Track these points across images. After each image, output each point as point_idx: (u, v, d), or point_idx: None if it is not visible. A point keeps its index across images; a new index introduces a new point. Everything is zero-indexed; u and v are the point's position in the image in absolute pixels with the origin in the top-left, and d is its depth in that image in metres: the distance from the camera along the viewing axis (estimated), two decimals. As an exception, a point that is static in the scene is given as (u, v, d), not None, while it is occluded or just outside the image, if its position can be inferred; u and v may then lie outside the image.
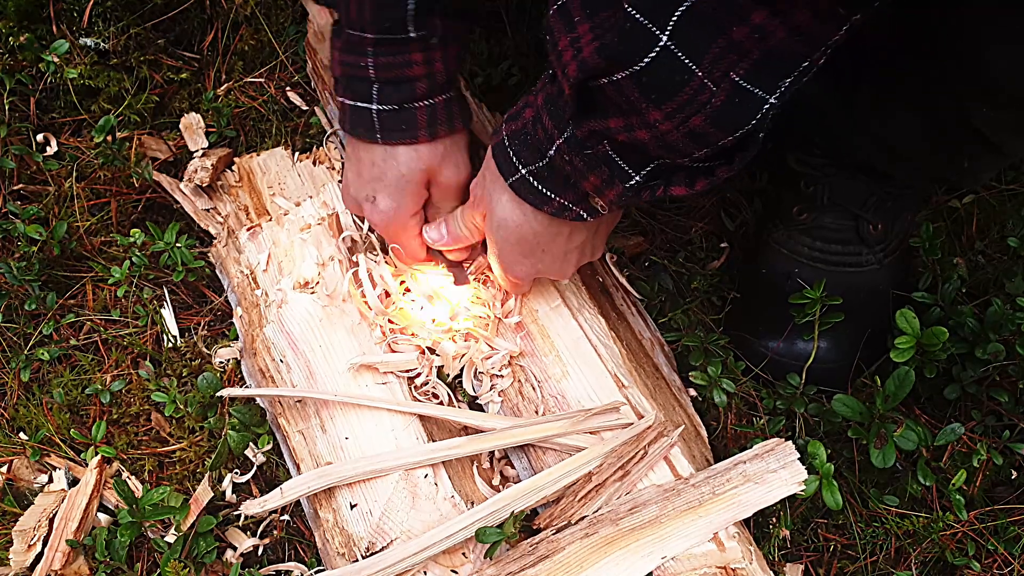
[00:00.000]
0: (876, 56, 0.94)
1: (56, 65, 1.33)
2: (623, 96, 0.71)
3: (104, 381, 1.18)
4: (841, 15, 0.63)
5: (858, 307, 1.14)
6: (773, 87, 0.67)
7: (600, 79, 0.72)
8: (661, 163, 0.79)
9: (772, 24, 0.63)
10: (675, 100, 0.69)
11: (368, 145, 1.00)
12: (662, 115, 0.70)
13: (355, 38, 0.95)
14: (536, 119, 0.84)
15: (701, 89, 0.67)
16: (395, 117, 0.97)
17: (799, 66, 0.66)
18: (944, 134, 0.96)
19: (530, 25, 1.47)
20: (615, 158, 0.79)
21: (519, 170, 0.88)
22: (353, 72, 0.97)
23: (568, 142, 0.80)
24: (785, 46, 0.64)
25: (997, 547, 1.05)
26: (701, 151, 0.74)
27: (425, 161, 1.00)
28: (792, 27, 0.63)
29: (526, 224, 0.93)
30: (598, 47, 0.70)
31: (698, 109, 0.69)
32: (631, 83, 0.70)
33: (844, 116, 1.03)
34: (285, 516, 1.07)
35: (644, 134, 0.73)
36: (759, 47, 0.64)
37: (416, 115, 0.98)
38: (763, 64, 0.66)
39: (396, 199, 1.02)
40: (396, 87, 0.96)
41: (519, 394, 1.05)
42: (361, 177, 1.03)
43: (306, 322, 1.09)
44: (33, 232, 1.23)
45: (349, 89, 0.99)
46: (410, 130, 0.98)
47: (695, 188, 0.79)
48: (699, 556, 0.92)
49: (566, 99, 0.76)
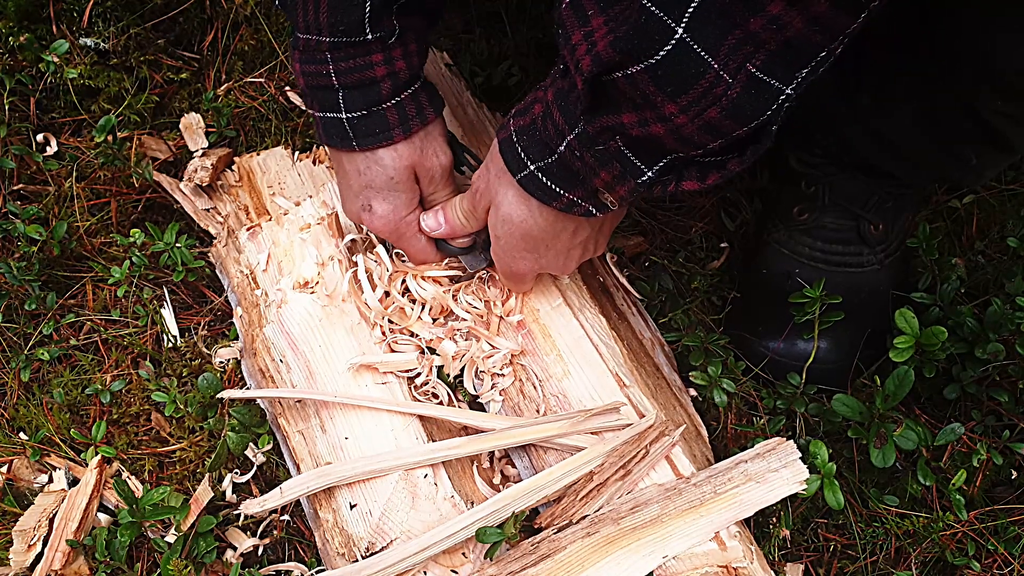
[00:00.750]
0: (878, 53, 0.94)
1: (56, 65, 1.32)
2: (637, 90, 0.71)
3: (104, 381, 1.18)
4: (859, 3, 0.63)
5: (858, 307, 1.14)
6: (790, 78, 0.67)
7: (614, 73, 0.71)
8: (674, 158, 0.78)
9: (789, 15, 0.63)
10: (691, 93, 0.69)
11: (348, 154, 1.00)
12: (677, 108, 0.70)
13: (311, 43, 0.93)
14: (546, 115, 0.83)
15: (717, 81, 0.67)
16: (366, 122, 0.97)
17: (816, 56, 0.66)
18: (947, 130, 0.96)
19: (530, 25, 1.47)
20: (627, 154, 0.79)
21: (528, 166, 0.87)
22: (316, 82, 0.96)
23: (579, 138, 0.80)
24: (803, 36, 0.64)
25: (997, 547, 1.05)
26: (716, 143, 0.73)
27: (407, 158, 1.00)
28: (809, 17, 0.63)
29: (531, 220, 0.92)
30: (612, 40, 0.70)
31: (714, 101, 0.69)
32: (646, 77, 0.69)
33: (847, 114, 1.03)
34: (285, 516, 1.07)
35: (659, 128, 0.73)
36: (776, 38, 0.64)
37: (386, 116, 0.97)
38: (780, 55, 0.66)
39: (391, 201, 1.02)
40: (361, 91, 0.95)
41: (520, 393, 1.05)
42: (351, 188, 1.03)
43: (306, 322, 1.09)
44: (33, 232, 1.23)
45: (316, 100, 0.97)
46: (383, 132, 0.97)
47: (707, 182, 0.79)
48: (700, 555, 0.92)
49: (578, 94, 0.76)
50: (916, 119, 0.97)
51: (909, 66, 0.92)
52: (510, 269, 1.01)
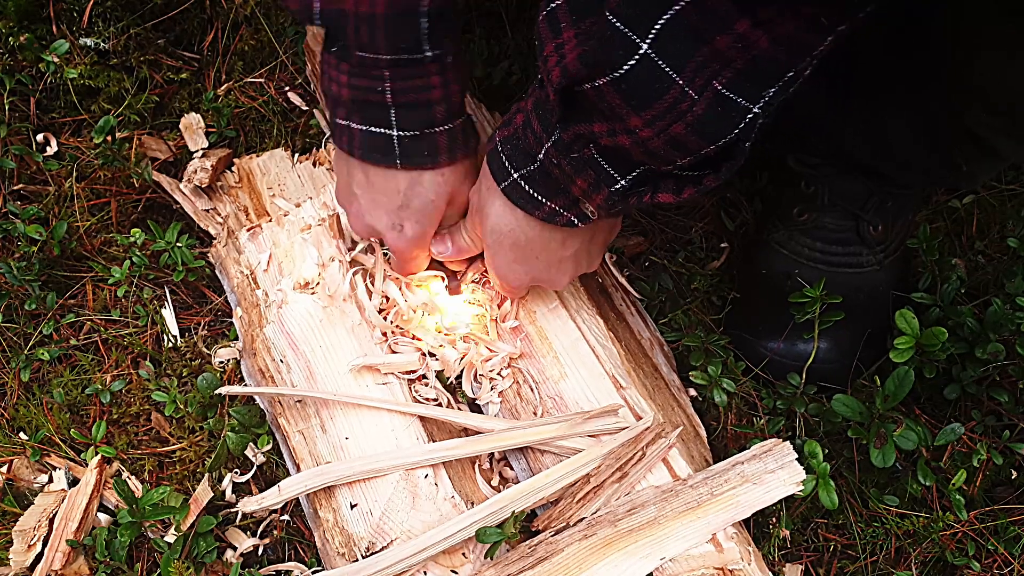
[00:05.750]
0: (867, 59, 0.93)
1: (56, 65, 1.33)
2: (605, 102, 0.72)
3: (104, 381, 1.18)
4: (824, 25, 0.63)
5: (858, 307, 1.14)
6: (757, 96, 0.67)
7: (584, 84, 0.72)
8: (646, 169, 0.79)
9: (755, 34, 0.63)
10: (655, 107, 0.69)
11: (385, 171, 0.97)
12: (642, 122, 0.71)
13: (368, 60, 0.90)
14: (526, 123, 0.84)
15: (682, 97, 0.68)
16: (417, 142, 0.94)
17: (784, 76, 0.66)
18: (937, 137, 0.95)
19: (530, 25, 1.47)
20: (601, 162, 0.80)
21: (511, 174, 0.88)
22: (366, 96, 0.92)
23: (556, 145, 0.81)
24: (769, 55, 0.64)
25: (997, 547, 1.05)
26: (684, 159, 0.74)
27: (450, 184, 0.98)
28: (775, 37, 0.63)
29: (518, 229, 0.93)
30: (580, 54, 0.71)
31: (679, 117, 0.69)
32: (611, 89, 0.70)
33: (839, 118, 1.03)
34: (285, 516, 1.07)
35: (626, 139, 0.74)
36: (743, 56, 0.65)
37: (437, 140, 0.95)
38: (747, 73, 0.66)
39: (424, 224, 1.00)
40: (416, 111, 0.93)
41: (517, 395, 1.05)
42: (380, 205, 0.99)
43: (306, 322, 1.09)
44: (33, 232, 1.23)
45: (358, 113, 0.94)
46: (431, 155, 0.95)
47: (682, 196, 0.79)
48: (697, 557, 0.92)
49: (552, 104, 0.77)
50: (907, 126, 0.97)
51: (900, 73, 0.92)
52: (503, 280, 1.02)
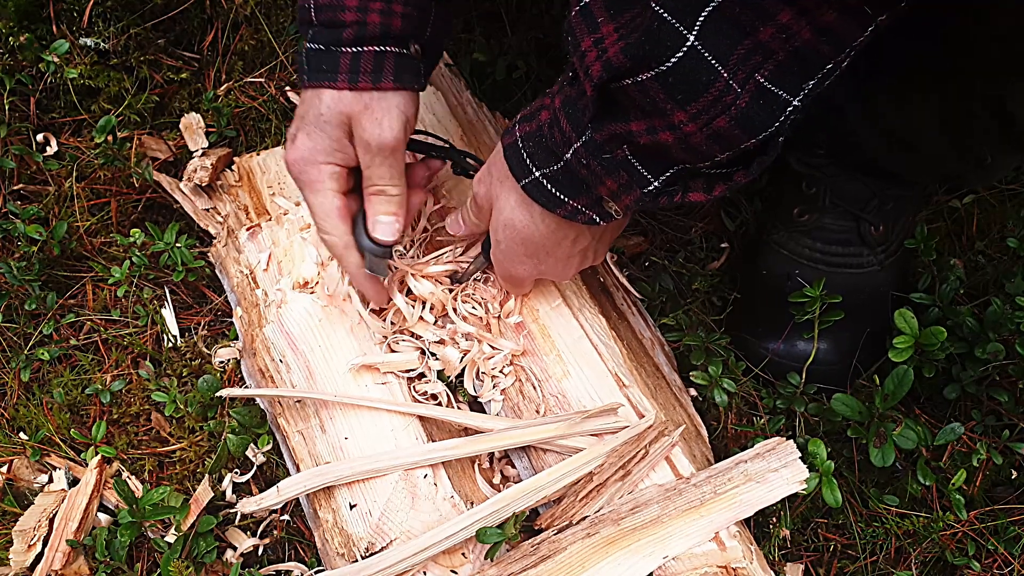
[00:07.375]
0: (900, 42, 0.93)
1: (56, 65, 1.33)
2: (647, 97, 0.71)
3: (104, 381, 1.18)
4: (867, 14, 0.63)
5: (858, 307, 1.15)
6: (797, 89, 0.67)
7: (624, 80, 0.71)
8: (681, 168, 0.78)
9: (798, 24, 0.63)
10: (700, 101, 0.69)
11: (304, 90, 0.99)
12: (687, 116, 0.70)
13: None
14: (553, 122, 0.83)
15: (726, 90, 0.67)
16: (319, 57, 0.97)
17: (823, 68, 0.66)
18: (966, 128, 0.95)
19: (530, 25, 1.47)
20: (634, 163, 0.79)
21: (532, 172, 0.87)
22: (302, 16, 0.98)
23: (586, 146, 0.80)
24: (811, 46, 0.65)
25: (997, 547, 1.05)
26: (723, 154, 0.73)
27: (346, 105, 0.97)
28: (818, 27, 0.64)
29: (533, 226, 0.92)
30: (624, 47, 0.70)
31: (723, 110, 0.69)
32: (656, 84, 0.69)
33: (859, 114, 1.03)
34: (285, 516, 1.07)
35: (668, 136, 0.73)
36: (784, 48, 0.65)
37: (339, 59, 0.96)
38: (788, 65, 0.66)
39: (313, 139, 0.99)
40: (328, 29, 0.96)
41: (519, 393, 1.05)
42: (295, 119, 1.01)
43: (306, 322, 1.09)
44: (33, 232, 1.23)
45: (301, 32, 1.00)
46: (331, 72, 0.96)
47: (713, 194, 0.79)
48: (700, 556, 0.92)
49: (587, 101, 0.76)
50: (935, 117, 0.96)
51: (932, 58, 0.91)
52: (509, 273, 1.01)
